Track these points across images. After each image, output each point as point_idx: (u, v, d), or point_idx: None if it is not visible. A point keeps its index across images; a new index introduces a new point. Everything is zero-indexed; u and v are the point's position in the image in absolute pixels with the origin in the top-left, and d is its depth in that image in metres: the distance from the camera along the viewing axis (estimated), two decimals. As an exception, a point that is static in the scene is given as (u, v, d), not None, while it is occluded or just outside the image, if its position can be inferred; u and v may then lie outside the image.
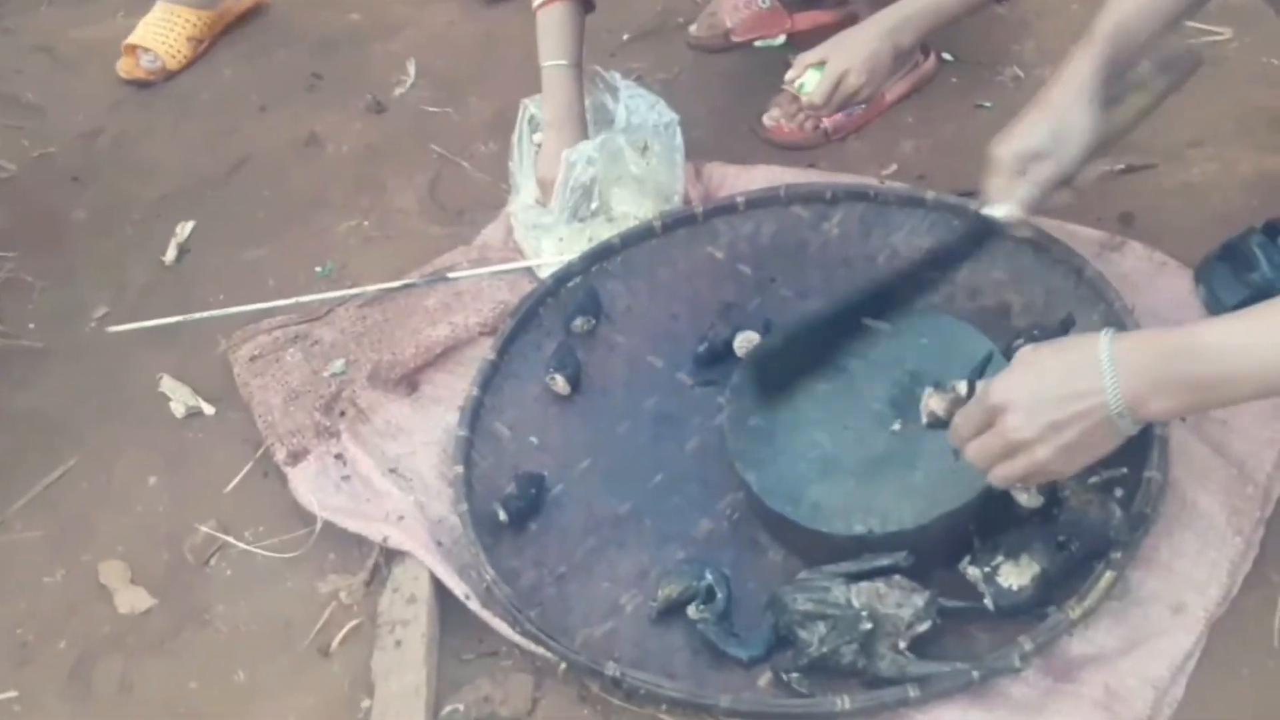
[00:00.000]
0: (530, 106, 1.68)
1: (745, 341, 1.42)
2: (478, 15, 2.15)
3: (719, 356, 1.44)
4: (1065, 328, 1.32)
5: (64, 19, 2.35)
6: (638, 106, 1.64)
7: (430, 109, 1.94)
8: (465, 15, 2.16)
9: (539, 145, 1.66)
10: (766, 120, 1.75)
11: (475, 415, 1.41)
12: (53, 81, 2.15)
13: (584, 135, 1.61)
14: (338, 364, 1.54)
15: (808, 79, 1.55)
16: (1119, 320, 1.30)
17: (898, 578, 1.13)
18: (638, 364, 1.47)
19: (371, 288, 1.59)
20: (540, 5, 1.64)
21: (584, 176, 1.56)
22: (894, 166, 1.68)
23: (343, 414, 1.48)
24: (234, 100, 2.03)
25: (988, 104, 1.77)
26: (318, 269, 1.70)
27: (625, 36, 2.05)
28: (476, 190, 1.78)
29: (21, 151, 1.96)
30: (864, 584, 1.14)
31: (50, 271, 1.74)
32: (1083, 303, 1.36)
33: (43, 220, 1.82)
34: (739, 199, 1.57)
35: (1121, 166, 1.42)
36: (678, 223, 1.58)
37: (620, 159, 1.56)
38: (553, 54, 1.62)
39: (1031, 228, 1.34)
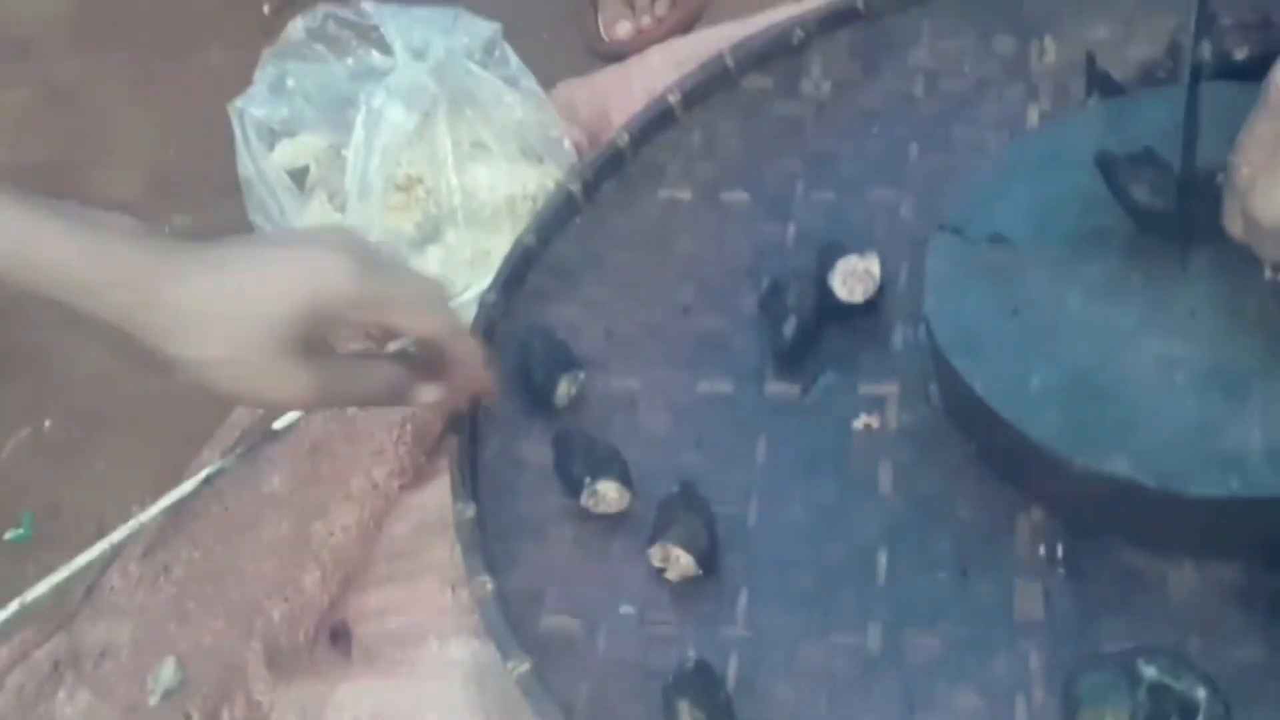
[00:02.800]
0: (249, 108, 1.03)
1: (854, 272, 0.88)
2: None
3: (812, 328, 0.90)
4: None
5: None
6: (425, 37, 1.02)
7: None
8: None
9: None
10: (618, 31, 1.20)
11: (509, 620, 0.78)
12: None
13: None
14: (167, 670, 0.84)
15: None
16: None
17: None
18: (696, 405, 0.89)
19: (150, 512, 0.89)
20: None
21: (404, 133, 0.94)
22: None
23: (242, 754, 0.80)
24: None
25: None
26: (8, 534, 0.98)
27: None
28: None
29: None
30: None
31: None
32: None
33: None
34: (671, 99, 1.02)
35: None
36: (601, 173, 0.98)
37: (473, 93, 0.95)
38: None
39: None
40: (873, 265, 0.87)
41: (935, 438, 0.81)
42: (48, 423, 1.04)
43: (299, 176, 1.06)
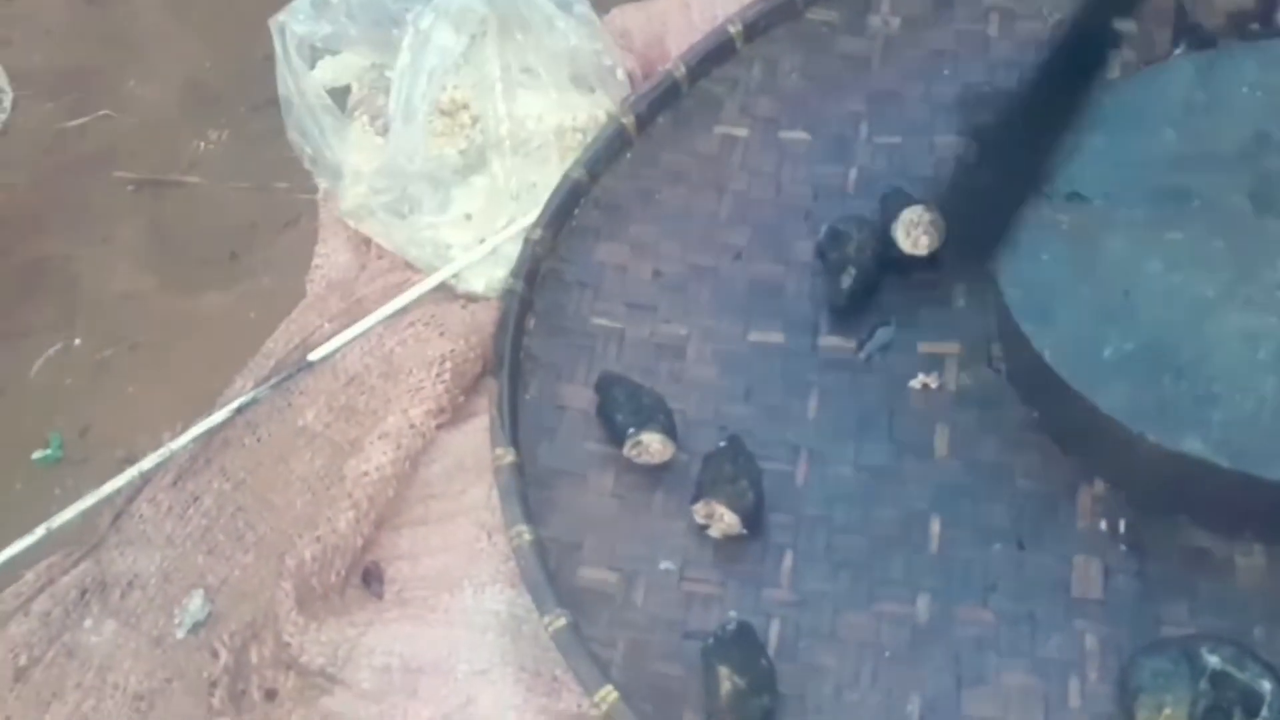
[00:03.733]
0: (290, 24, 0.99)
1: (918, 223, 0.84)
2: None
3: (871, 280, 0.87)
4: None
5: None
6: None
7: (70, 123, 1.20)
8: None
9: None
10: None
11: (547, 572, 0.76)
12: None
13: None
14: (195, 603, 0.83)
15: None
16: None
17: None
18: (745, 356, 0.86)
19: (180, 440, 0.88)
20: None
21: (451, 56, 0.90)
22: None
23: (270, 695, 0.79)
24: None
25: None
26: (36, 454, 0.96)
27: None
28: (230, 209, 1.08)
29: None
30: None
31: None
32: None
33: None
34: (731, 30, 0.98)
35: None
36: (655, 106, 0.95)
37: (524, 17, 0.90)
38: None
39: None
40: (937, 215, 0.84)
41: (996, 402, 0.79)
42: (77, 340, 1.02)
43: (339, 96, 1.03)
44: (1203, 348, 0.70)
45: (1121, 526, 0.73)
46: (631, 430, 0.79)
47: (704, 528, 0.77)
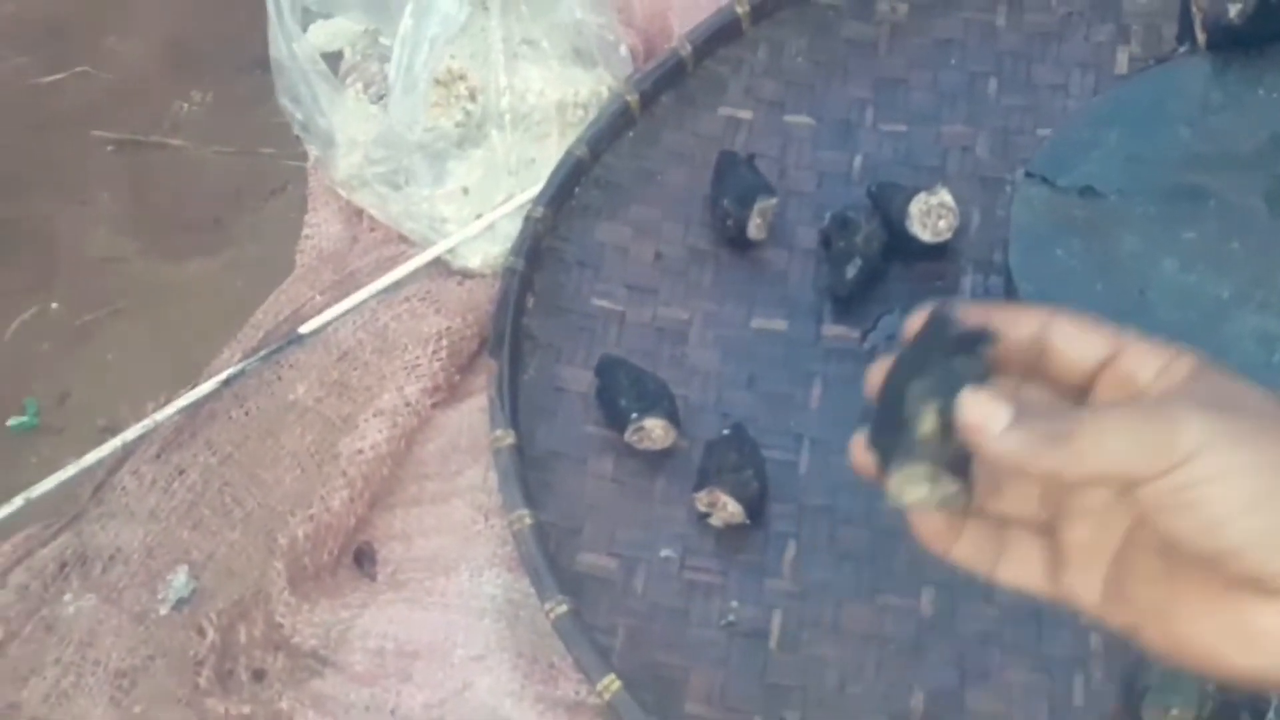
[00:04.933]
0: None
1: (930, 210, 0.83)
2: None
3: (878, 270, 0.85)
4: None
5: None
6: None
7: (45, 79, 1.15)
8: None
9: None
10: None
11: (548, 558, 0.75)
12: None
13: None
14: (179, 579, 0.81)
15: None
16: None
17: None
18: (748, 342, 0.85)
19: (165, 411, 0.85)
20: None
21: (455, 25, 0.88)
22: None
23: (258, 675, 0.77)
24: None
25: None
26: (11, 421, 0.93)
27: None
28: (214, 173, 1.05)
29: None
30: None
31: None
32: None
33: None
34: (739, 10, 0.96)
35: None
36: (659, 85, 0.93)
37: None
38: None
39: None
40: (945, 197, 0.83)
41: (1000, 396, 0.79)
42: (54, 305, 0.99)
43: (331, 61, 1.01)
44: (1219, 350, 0.69)
45: (1126, 525, 0.73)
46: (635, 415, 0.77)
47: (705, 516, 0.76)
